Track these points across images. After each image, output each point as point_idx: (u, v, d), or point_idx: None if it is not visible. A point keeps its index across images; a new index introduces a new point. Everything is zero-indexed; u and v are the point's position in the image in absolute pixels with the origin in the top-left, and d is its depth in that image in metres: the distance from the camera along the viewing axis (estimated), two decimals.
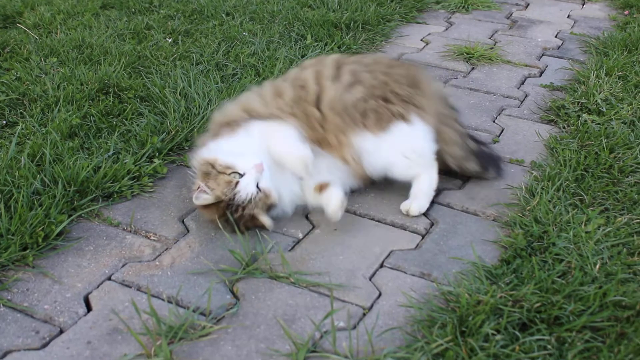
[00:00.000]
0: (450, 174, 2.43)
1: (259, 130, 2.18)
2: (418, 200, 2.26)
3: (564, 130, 2.83)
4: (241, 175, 2.06)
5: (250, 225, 2.12)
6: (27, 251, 1.96)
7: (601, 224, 2.10)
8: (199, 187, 2.08)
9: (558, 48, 3.87)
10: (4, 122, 2.67)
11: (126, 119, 2.70)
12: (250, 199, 2.06)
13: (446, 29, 4.15)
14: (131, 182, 2.32)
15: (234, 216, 2.08)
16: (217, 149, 2.14)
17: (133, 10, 4.01)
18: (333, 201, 2.13)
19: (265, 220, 2.11)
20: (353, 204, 2.29)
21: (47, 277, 1.91)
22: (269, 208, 2.14)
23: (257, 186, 2.07)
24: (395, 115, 2.19)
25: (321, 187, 2.19)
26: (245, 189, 2.05)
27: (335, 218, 2.13)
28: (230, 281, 1.92)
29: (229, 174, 2.06)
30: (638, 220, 2.15)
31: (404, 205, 2.27)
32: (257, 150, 2.14)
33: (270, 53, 3.35)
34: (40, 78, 2.99)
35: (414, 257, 2.05)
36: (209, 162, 2.09)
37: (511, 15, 4.51)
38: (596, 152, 2.53)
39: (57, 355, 1.65)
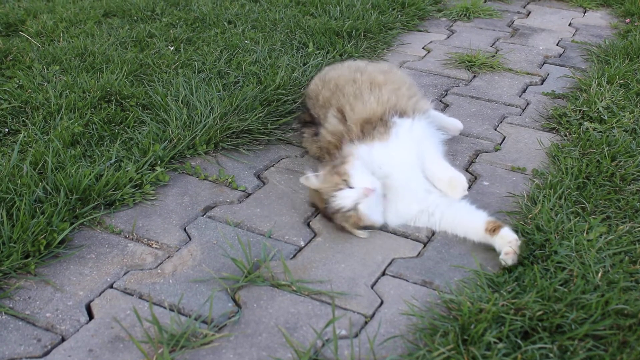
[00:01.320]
0: None
1: (410, 139, 2.29)
2: None
3: (565, 138, 2.83)
4: (349, 188, 2.10)
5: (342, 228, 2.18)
6: (29, 259, 1.96)
7: (603, 232, 2.10)
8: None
9: (559, 56, 3.88)
10: (7, 129, 2.68)
11: (128, 127, 2.71)
12: (339, 210, 2.10)
13: (448, 37, 4.16)
14: (133, 190, 2.32)
15: (329, 214, 2.15)
16: (366, 153, 2.22)
17: (135, 18, 4.02)
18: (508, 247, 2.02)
19: (356, 232, 2.16)
20: None
21: (49, 285, 1.91)
22: (362, 227, 2.16)
23: (357, 205, 2.09)
24: None
25: (494, 229, 2.09)
26: (341, 200, 2.10)
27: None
28: (232, 289, 1.92)
29: (342, 179, 2.11)
30: None
31: None
32: (400, 163, 2.22)
33: (272, 61, 3.35)
34: (42, 86, 3.00)
35: (415, 265, 2.05)
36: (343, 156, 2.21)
37: (513, 23, 4.52)
38: (598, 160, 2.53)
39: None
